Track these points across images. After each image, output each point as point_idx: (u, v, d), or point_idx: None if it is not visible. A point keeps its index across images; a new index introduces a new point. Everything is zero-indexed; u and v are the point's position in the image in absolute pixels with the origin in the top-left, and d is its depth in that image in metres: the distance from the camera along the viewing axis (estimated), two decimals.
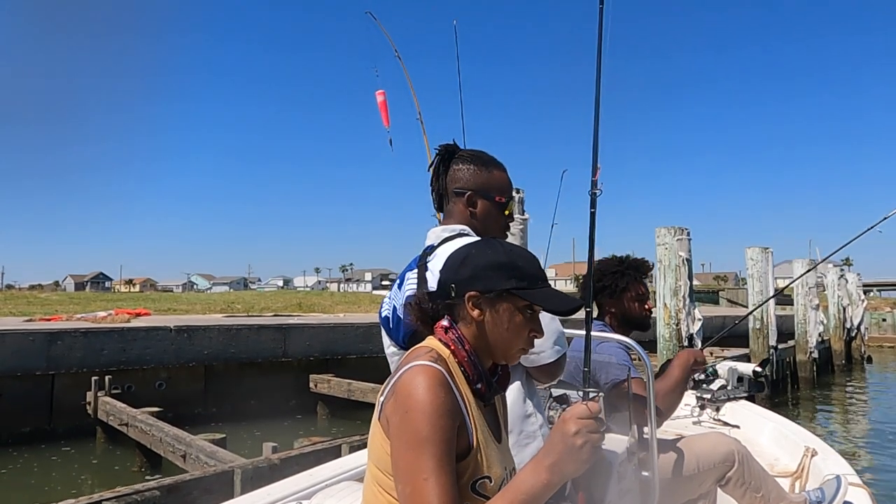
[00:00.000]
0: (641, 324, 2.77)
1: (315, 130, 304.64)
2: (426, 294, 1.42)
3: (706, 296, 47.33)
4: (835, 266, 21.42)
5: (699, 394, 3.39)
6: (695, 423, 3.78)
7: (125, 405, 8.25)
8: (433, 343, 1.33)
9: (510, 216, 1.94)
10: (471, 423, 1.26)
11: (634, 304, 2.73)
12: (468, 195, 1.88)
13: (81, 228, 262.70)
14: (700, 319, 8.31)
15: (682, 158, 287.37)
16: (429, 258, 1.78)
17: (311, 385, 11.03)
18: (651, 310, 2.83)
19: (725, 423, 3.82)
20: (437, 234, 1.86)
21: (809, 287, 15.97)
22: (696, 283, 10.82)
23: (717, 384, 3.29)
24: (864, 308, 21.89)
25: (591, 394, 1.28)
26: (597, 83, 1.62)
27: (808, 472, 3.03)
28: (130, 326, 10.46)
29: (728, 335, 3.72)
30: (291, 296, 32.60)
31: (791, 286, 14.67)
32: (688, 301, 8.36)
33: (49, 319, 12.50)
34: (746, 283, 13.76)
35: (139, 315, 14.34)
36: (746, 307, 15.72)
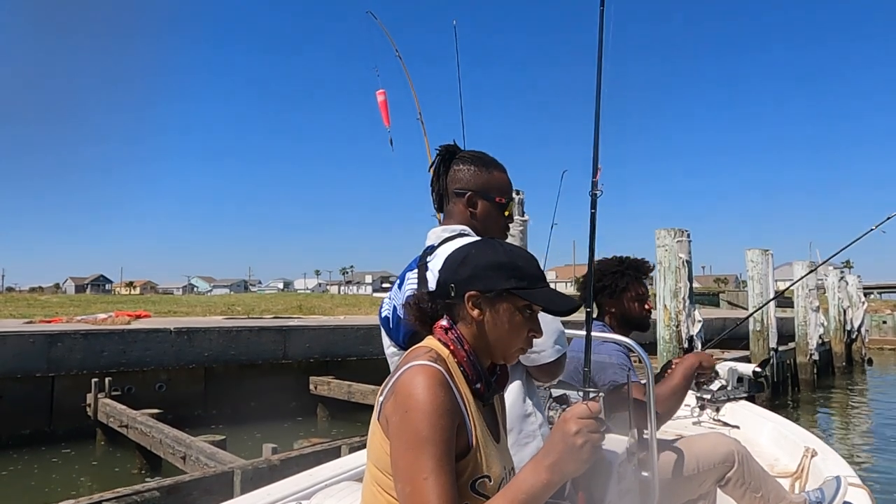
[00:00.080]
0: (641, 324, 2.76)
1: (315, 132, 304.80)
2: (425, 294, 1.42)
3: (706, 298, 47.32)
4: (835, 268, 21.44)
5: (699, 394, 3.40)
6: (695, 424, 3.78)
7: (125, 407, 8.25)
8: (432, 343, 1.33)
9: (510, 217, 1.94)
10: (470, 423, 1.26)
11: (634, 305, 2.72)
12: (468, 196, 1.88)
13: (82, 231, 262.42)
14: (700, 321, 8.32)
15: (683, 161, 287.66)
16: (429, 258, 1.79)
17: (312, 387, 11.03)
18: (651, 310, 2.84)
19: (725, 424, 3.82)
20: (438, 235, 1.86)
21: (810, 289, 15.97)
22: (697, 286, 10.83)
23: (717, 384, 3.30)
24: (865, 310, 21.89)
25: (591, 394, 1.28)
26: (597, 84, 1.63)
27: (808, 473, 3.03)
28: (131, 328, 10.46)
29: (728, 337, 3.74)
30: (292, 298, 32.54)
31: (791, 288, 14.67)
32: (688, 303, 8.37)
33: (49, 321, 12.48)
34: (747, 286, 13.77)
35: (139, 317, 14.35)
36: (747, 309, 15.71)
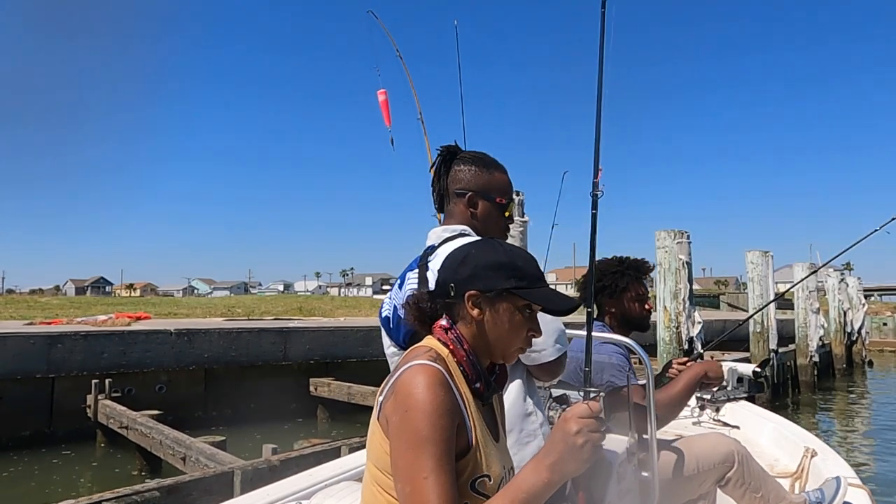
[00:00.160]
0: (641, 324, 2.76)
1: (316, 134, 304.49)
2: (425, 293, 1.42)
3: (707, 300, 47.37)
4: (835, 270, 21.44)
5: (699, 394, 3.40)
6: (695, 424, 3.78)
7: (125, 408, 8.26)
8: (432, 342, 1.33)
9: (510, 218, 1.95)
10: (470, 422, 1.26)
11: (634, 305, 2.72)
12: (469, 196, 1.89)
13: (82, 233, 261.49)
14: (700, 322, 8.32)
15: (683, 163, 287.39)
16: (430, 258, 1.79)
17: (312, 388, 11.04)
18: (651, 310, 2.84)
19: (725, 424, 3.82)
20: (438, 235, 1.87)
21: (810, 291, 15.97)
22: (697, 288, 10.83)
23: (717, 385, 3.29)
24: (865, 312, 21.88)
25: (592, 393, 1.28)
26: (598, 85, 1.63)
27: (808, 473, 3.03)
28: (131, 330, 10.46)
29: (729, 339, 3.74)
30: (292, 300, 32.56)
31: (791, 290, 14.67)
32: (688, 304, 8.38)
33: (49, 323, 12.49)
34: (747, 288, 13.77)
35: (139, 319, 14.36)
36: (747, 311, 15.71)
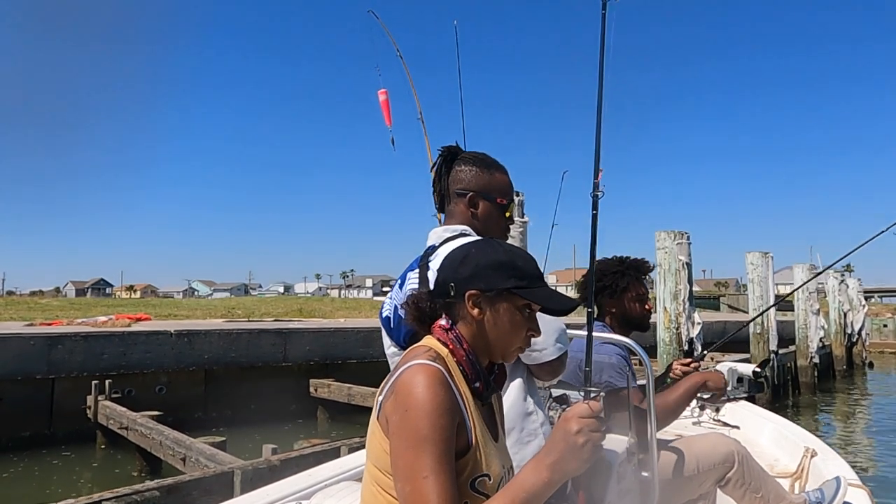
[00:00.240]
0: (641, 324, 2.77)
1: (316, 135, 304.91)
2: (424, 293, 1.42)
3: (707, 301, 47.38)
4: (836, 272, 21.43)
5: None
6: (695, 424, 3.79)
7: (125, 409, 8.26)
8: (431, 342, 1.33)
9: (510, 218, 1.96)
10: (470, 422, 1.26)
11: (635, 305, 2.72)
12: (470, 196, 1.89)
13: (82, 234, 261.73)
14: (699, 323, 8.33)
15: (683, 165, 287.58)
16: (430, 258, 1.79)
17: (312, 389, 11.04)
18: (651, 310, 2.84)
19: (725, 424, 3.83)
20: (439, 235, 1.87)
21: (810, 292, 15.98)
22: (697, 290, 10.84)
23: None
24: (865, 313, 21.88)
25: (592, 393, 1.29)
26: (599, 86, 1.63)
27: (808, 473, 3.03)
28: (131, 331, 10.47)
29: (729, 340, 3.74)
30: (292, 301, 32.52)
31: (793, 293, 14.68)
32: (688, 305, 8.38)
33: (50, 324, 12.50)
34: (747, 289, 13.77)
35: (140, 320, 14.37)
36: (747, 313, 15.71)
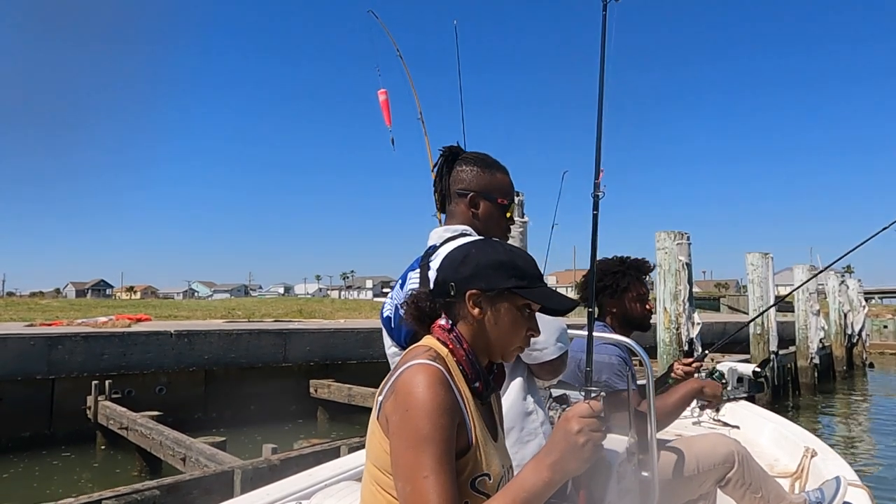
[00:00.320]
0: (642, 324, 2.77)
1: (316, 136, 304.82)
2: (424, 292, 1.42)
3: (707, 303, 47.36)
4: (836, 273, 21.42)
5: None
6: (695, 424, 3.80)
7: (125, 409, 8.25)
8: (431, 342, 1.33)
9: (511, 219, 1.96)
10: (470, 421, 1.26)
11: (636, 305, 2.72)
12: (471, 196, 1.90)
13: (82, 236, 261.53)
14: (699, 324, 8.33)
15: (683, 166, 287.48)
16: (431, 258, 1.80)
17: (312, 390, 11.04)
18: (652, 310, 2.84)
19: (725, 424, 3.84)
20: (440, 235, 1.88)
21: (810, 293, 15.97)
22: (697, 291, 10.84)
23: None
24: (866, 314, 21.87)
25: (593, 393, 1.29)
26: (600, 87, 1.63)
27: (808, 473, 3.03)
28: (131, 331, 10.46)
29: (729, 341, 3.75)
30: (292, 302, 32.49)
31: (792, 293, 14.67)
32: (687, 305, 8.38)
33: (50, 324, 12.51)
34: (747, 290, 13.77)
35: (140, 320, 14.36)
36: (747, 314, 15.71)
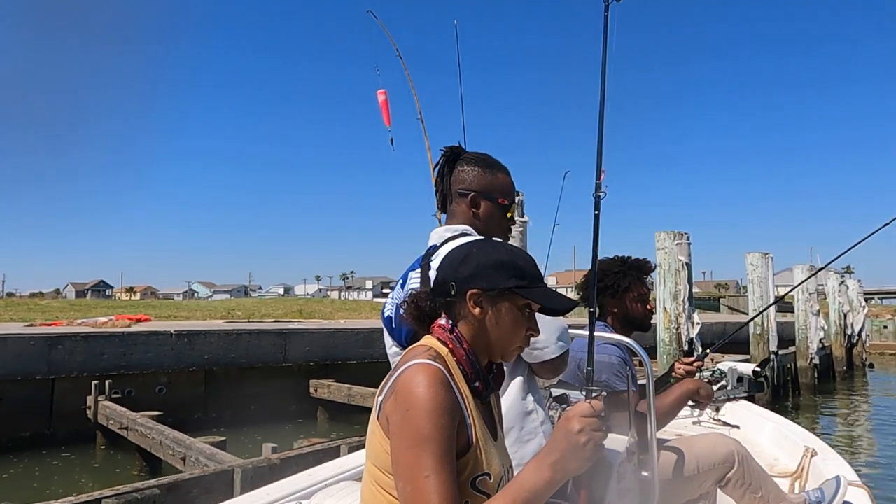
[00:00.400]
0: (643, 324, 2.77)
1: (316, 137, 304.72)
2: (424, 292, 1.42)
3: (707, 303, 47.35)
4: (836, 273, 21.42)
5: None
6: (695, 423, 3.79)
7: (125, 409, 8.25)
8: (431, 342, 1.33)
9: (512, 219, 1.96)
10: (470, 421, 1.26)
11: (637, 305, 2.72)
12: (472, 196, 1.90)
13: (82, 236, 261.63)
14: (699, 324, 8.34)
15: (683, 167, 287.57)
16: (432, 258, 1.80)
17: (312, 390, 11.05)
18: (653, 310, 2.84)
19: (725, 424, 3.83)
20: (441, 235, 1.88)
21: (810, 293, 15.97)
22: (697, 291, 10.85)
23: (717, 385, 3.30)
24: (865, 315, 21.86)
25: (594, 392, 1.29)
26: (601, 87, 1.63)
27: (808, 473, 3.03)
28: (131, 331, 10.46)
29: (729, 341, 3.75)
30: (292, 303, 32.48)
31: (791, 293, 14.66)
32: (687, 305, 8.38)
33: (50, 324, 12.50)
34: (747, 291, 13.77)
35: (140, 320, 14.35)
36: (747, 314, 15.70)
